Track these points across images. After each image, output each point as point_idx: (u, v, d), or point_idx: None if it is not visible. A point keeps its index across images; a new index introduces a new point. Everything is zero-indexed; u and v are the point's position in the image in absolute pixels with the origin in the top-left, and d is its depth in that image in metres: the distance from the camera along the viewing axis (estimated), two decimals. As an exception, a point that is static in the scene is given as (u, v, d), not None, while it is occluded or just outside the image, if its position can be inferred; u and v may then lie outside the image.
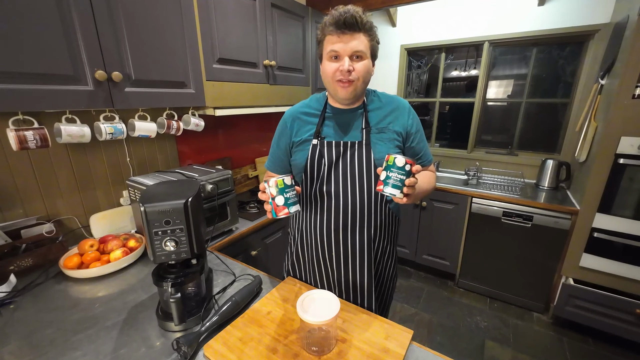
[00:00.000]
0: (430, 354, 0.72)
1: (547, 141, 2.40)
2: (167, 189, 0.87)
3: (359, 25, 0.75)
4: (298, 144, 0.91)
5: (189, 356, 0.69)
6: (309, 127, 0.91)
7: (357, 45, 0.76)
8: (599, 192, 1.67)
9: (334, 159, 0.87)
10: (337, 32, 0.76)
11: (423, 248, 2.49)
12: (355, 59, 0.78)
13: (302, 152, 0.91)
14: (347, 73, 0.78)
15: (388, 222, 0.95)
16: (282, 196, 0.70)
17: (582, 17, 2.01)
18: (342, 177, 0.88)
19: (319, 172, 0.89)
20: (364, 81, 0.82)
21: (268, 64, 1.65)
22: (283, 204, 0.70)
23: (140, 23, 1.10)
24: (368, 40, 0.78)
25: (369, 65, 0.81)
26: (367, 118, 0.88)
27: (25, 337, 0.78)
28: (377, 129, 0.87)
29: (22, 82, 0.86)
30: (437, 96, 2.78)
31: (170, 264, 0.82)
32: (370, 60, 0.81)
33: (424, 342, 1.85)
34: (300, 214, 0.99)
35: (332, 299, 0.71)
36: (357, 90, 0.82)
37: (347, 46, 0.76)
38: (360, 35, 0.77)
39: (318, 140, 0.88)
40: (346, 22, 0.74)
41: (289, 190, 0.71)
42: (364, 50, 0.77)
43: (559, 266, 1.93)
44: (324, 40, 0.80)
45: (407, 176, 0.68)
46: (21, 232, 1.13)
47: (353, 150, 0.87)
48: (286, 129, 0.94)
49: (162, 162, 1.59)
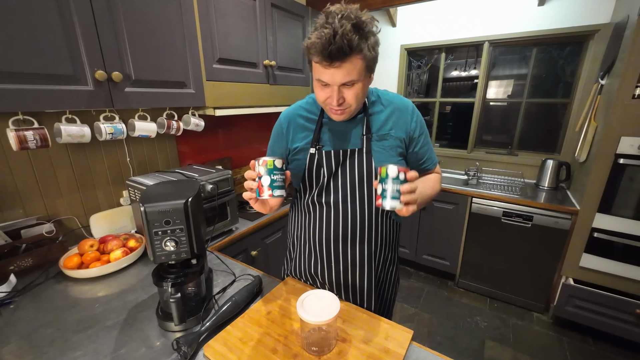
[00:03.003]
0: (430, 354, 0.72)
1: (547, 141, 2.39)
2: (167, 189, 0.87)
3: (350, 50, 0.64)
4: (295, 151, 0.87)
5: (189, 356, 0.69)
6: (305, 133, 0.87)
7: (347, 74, 0.68)
8: (599, 192, 1.67)
9: (333, 169, 0.84)
10: (324, 62, 0.67)
11: (423, 248, 2.49)
12: (347, 85, 0.71)
13: (299, 161, 0.87)
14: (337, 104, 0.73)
15: (390, 231, 0.93)
16: (268, 177, 0.67)
17: (582, 17, 2.01)
18: (341, 187, 0.84)
19: (317, 182, 0.86)
20: (359, 104, 0.76)
21: (268, 64, 1.65)
22: (268, 185, 0.67)
23: (141, 23, 1.10)
24: (362, 60, 0.68)
25: (363, 87, 0.73)
26: (369, 123, 0.83)
27: (25, 337, 0.78)
28: (378, 136, 0.83)
29: (22, 82, 0.86)
30: (437, 96, 2.79)
31: (170, 264, 0.82)
32: (365, 78, 0.73)
33: (424, 342, 1.85)
34: (301, 221, 0.96)
35: (332, 299, 0.71)
36: (352, 112, 0.78)
37: (336, 78, 0.68)
38: (352, 59, 0.66)
39: (316, 149, 0.84)
40: (332, 55, 0.64)
41: (277, 172, 0.68)
42: (355, 78, 0.69)
43: (559, 266, 1.93)
44: (313, 63, 0.72)
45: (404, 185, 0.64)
46: (21, 232, 1.13)
47: (353, 159, 0.83)
48: (282, 134, 0.89)
49: (162, 162, 1.59)
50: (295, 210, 0.99)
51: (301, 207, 0.94)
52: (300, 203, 0.94)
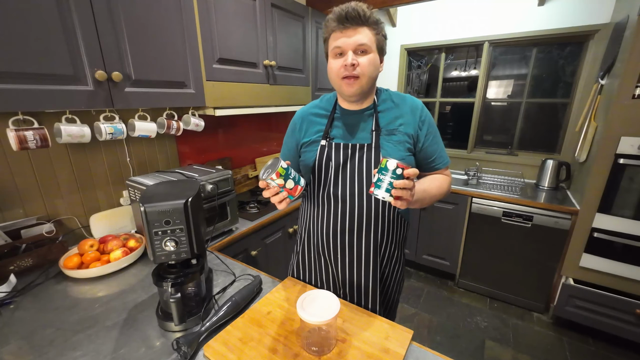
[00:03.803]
0: (430, 354, 0.72)
1: (547, 141, 2.40)
2: (167, 189, 0.87)
3: (362, 19, 0.74)
4: (307, 144, 0.91)
5: (189, 356, 0.69)
6: (317, 127, 0.90)
7: (361, 38, 0.74)
8: (599, 192, 1.67)
9: (341, 162, 0.86)
10: (340, 27, 0.75)
11: (423, 248, 2.49)
12: (360, 53, 0.76)
13: (310, 153, 0.90)
14: (351, 67, 0.75)
15: (396, 227, 0.93)
16: (290, 179, 0.72)
17: (582, 17, 2.02)
18: (349, 180, 0.86)
19: (326, 174, 0.88)
20: (370, 77, 0.79)
21: (268, 64, 1.65)
22: (294, 184, 0.73)
23: (141, 23, 1.10)
24: (373, 34, 0.76)
25: (374, 60, 0.78)
26: (378, 119, 0.85)
27: (25, 337, 0.78)
28: (387, 131, 0.85)
29: (22, 82, 0.86)
30: (437, 96, 2.79)
31: (170, 264, 0.82)
32: (376, 54, 0.78)
33: (424, 342, 1.85)
34: (308, 213, 0.98)
35: (332, 299, 0.71)
36: (364, 86, 0.79)
37: (350, 40, 0.74)
38: (364, 29, 0.75)
39: (326, 141, 0.87)
40: (348, 16, 0.73)
41: (290, 171, 0.73)
42: (368, 44, 0.75)
43: (559, 266, 1.93)
44: (329, 38, 0.79)
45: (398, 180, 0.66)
46: (21, 232, 1.13)
47: (362, 153, 0.85)
48: (295, 130, 0.94)
49: (162, 162, 1.59)
50: (305, 203, 1.01)
51: (310, 200, 0.96)
52: (310, 196, 0.96)
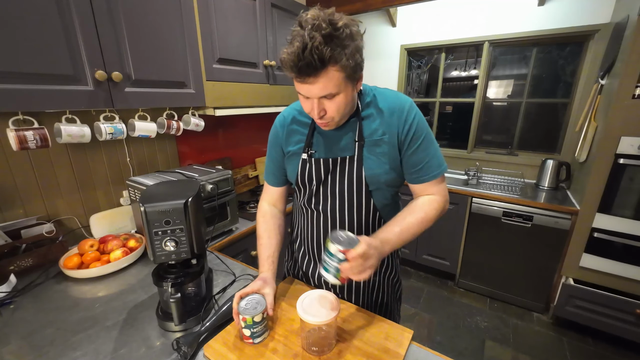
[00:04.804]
0: (430, 354, 0.72)
1: (547, 141, 2.39)
2: (167, 189, 0.87)
3: (319, 64, 0.60)
4: (289, 155, 0.88)
5: (189, 356, 0.69)
6: (298, 137, 0.86)
7: (324, 89, 0.65)
8: (599, 192, 1.67)
9: (322, 178, 0.83)
10: (298, 78, 0.64)
11: (423, 248, 2.49)
12: (327, 98, 0.68)
13: (292, 166, 0.88)
14: (318, 117, 0.71)
15: None
16: (249, 330, 0.70)
17: (582, 17, 2.01)
18: (330, 195, 0.84)
19: (309, 187, 0.86)
20: (344, 113, 0.73)
21: (268, 64, 1.65)
22: (249, 335, 0.71)
23: (141, 23, 1.10)
24: (338, 71, 0.63)
25: (344, 99, 0.69)
26: (362, 128, 0.79)
27: (25, 337, 0.78)
28: (371, 142, 0.79)
29: (22, 82, 0.86)
30: (437, 96, 2.78)
31: (170, 264, 0.82)
32: (347, 87, 0.68)
33: (424, 342, 1.84)
34: (297, 220, 0.97)
35: (332, 299, 0.71)
36: (339, 122, 0.76)
37: (313, 90, 0.65)
38: (326, 73, 0.62)
39: (307, 154, 0.83)
40: (302, 71, 0.61)
41: (256, 326, 0.70)
42: (333, 90, 0.65)
43: (559, 266, 1.93)
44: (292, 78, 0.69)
45: (343, 264, 0.63)
46: (21, 232, 1.13)
47: (344, 167, 0.81)
48: (277, 137, 0.90)
49: (162, 162, 1.59)
50: (294, 208, 1.01)
51: (298, 207, 0.96)
52: (297, 203, 0.95)
